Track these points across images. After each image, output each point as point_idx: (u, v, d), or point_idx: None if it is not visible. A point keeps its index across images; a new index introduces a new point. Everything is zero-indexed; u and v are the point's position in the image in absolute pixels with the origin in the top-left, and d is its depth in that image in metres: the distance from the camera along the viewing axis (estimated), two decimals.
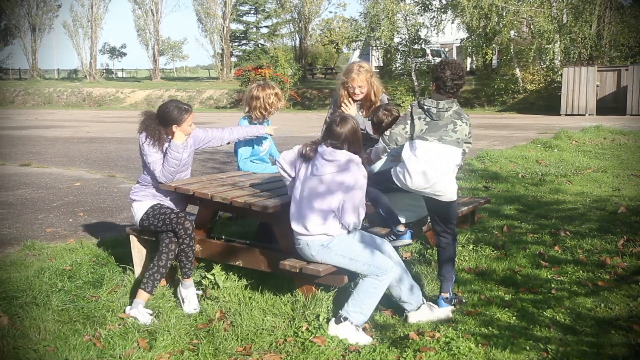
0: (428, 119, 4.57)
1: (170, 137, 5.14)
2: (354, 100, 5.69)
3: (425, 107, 4.57)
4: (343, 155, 4.29)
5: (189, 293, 4.92)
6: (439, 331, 4.21)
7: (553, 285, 5.07)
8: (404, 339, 4.15)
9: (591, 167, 11.54)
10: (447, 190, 4.60)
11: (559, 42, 31.69)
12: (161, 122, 5.13)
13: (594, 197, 8.53)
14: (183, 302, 4.89)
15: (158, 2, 59.64)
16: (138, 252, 5.38)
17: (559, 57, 32.14)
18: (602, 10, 30.38)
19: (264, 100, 5.70)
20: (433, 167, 4.52)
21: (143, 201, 5.22)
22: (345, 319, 4.24)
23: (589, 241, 6.16)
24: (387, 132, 4.75)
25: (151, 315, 4.67)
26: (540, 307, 4.61)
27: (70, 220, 7.79)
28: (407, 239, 4.99)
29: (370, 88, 5.64)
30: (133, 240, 5.37)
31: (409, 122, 4.65)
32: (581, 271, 5.36)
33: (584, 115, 26.86)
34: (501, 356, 3.86)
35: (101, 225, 7.54)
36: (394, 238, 4.94)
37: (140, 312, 4.64)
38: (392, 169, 4.79)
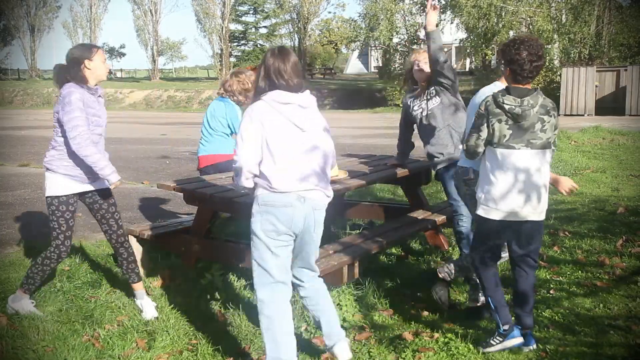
0: (511, 121, 3.69)
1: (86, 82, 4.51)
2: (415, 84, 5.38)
3: (507, 106, 3.67)
4: None
5: (142, 302, 4.72)
6: (437, 331, 4.21)
7: (552, 286, 5.07)
8: (402, 339, 4.15)
9: (590, 167, 11.54)
10: (544, 207, 3.86)
11: (557, 43, 31.68)
12: (74, 65, 4.49)
13: (593, 197, 8.53)
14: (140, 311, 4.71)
15: (157, 2, 59.67)
16: (137, 252, 5.37)
17: (558, 57, 32.14)
18: (601, 11, 30.38)
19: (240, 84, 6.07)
20: (529, 183, 3.73)
21: (57, 172, 4.55)
22: None
23: (587, 241, 6.17)
24: (464, 146, 3.92)
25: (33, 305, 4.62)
26: (539, 307, 4.61)
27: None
28: (517, 336, 3.93)
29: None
30: (132, 240, 5.36)
31: (484, 128, 3.74)
32: (580, 271, 5.37)
33: (582, 115, 26.86)
34: (500, 356, 3.86)
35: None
36: (500, 340, 3.93)
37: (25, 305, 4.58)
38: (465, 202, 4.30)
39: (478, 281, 4.21)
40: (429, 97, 5.22)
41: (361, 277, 5.04)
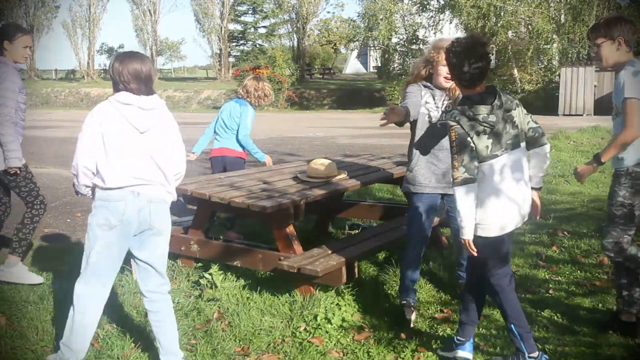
0: (489, 130, 3.45)
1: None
2: (435, 86, 4.44)
3: (481, 117, 3.41)
4: None
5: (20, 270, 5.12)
6: (437, 332, 4.21)
7: (551, 286, 5.07)
8: (401, 339, 4.16)
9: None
10: (528, 205, 3.70)
11: (557, 43, 31.70)
12: None
13: (592, 197, 8.54)
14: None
15: (156, 2, 59.60)
16: None
17: (557, 58, 32.16)
18: (600, 11, 30.39)
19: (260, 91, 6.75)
20: (518, 186, 3.56)
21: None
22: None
23: (586, 241, 6.17)
24: (461, 173, 3.45)
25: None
26: (538, 307, 4.61)
27: (68, 220, 7.78)
28: (468, 353, 3.83)
29: None
30: None
31: (471, 145, 3.44)
32: (579, 271, 5.37)
33: (581, 115, 26.87)
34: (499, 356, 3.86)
35: None
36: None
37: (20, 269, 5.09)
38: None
39: None
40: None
41: (360, 277, 5.05)
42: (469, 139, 3.42)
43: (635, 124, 3.86)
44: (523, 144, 3.59)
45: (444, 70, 4.16)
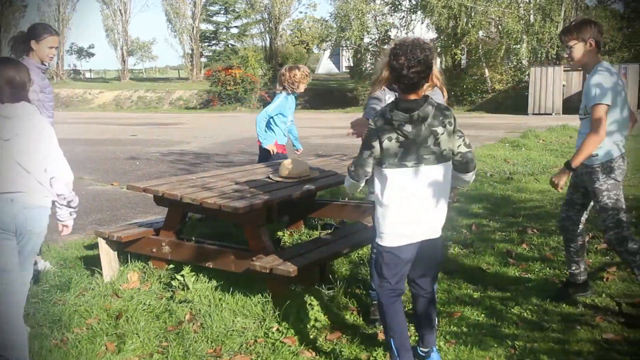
0: (402, 138, 3.33)
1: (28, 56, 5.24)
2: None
3: (396, 122, 3.31)
4: None
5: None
6: (408, 330, 4.24)
7: (520, 283, 5.13)
8: (374, 338, 4.18)
9: (558, 165, 11.68)
10: (440, 224, 3.58)
11: (526, 43, 32.06)
12: (26, 38, 5.28)
13: (561, 195, 8.62)
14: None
15: (126, 1, 59.18)
16: (106, 254, 5.34)
17: (527, 57, 32.52)
18: (569, 11, 30.81)
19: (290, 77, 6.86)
20: (425, 201, 3.43)
21: None
22: None
23: (555, 238, 6.25)
24: (352, 166, 3.55)
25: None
26: (508, 304, 4.67)
27: None
28: None
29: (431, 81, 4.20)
30: (101, 242, 5.32)
31: (376, 144, 3.37)
32: (548, 268, 5.44)
33: (550, 114, 27.19)
34: (470, 354, 3.90)
35: None
36: None
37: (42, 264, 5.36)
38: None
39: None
40: None
41: (332, 277, 5.06)
42: (375, 142, 3.36)
43: (602, 129, 4.14)
44: (446, 163, 3.44)
45: None
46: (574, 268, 4.73)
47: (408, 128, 3.29)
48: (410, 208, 3.41)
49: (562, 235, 4.94)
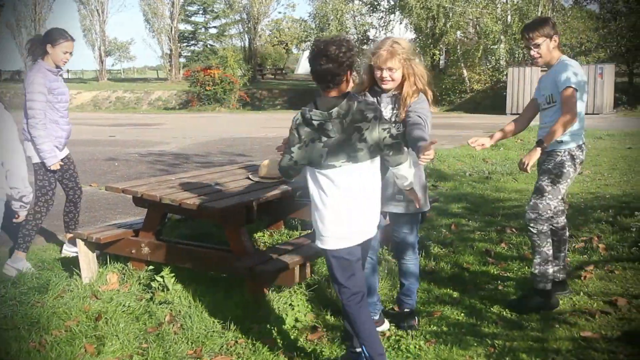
0: (325, 138, 3.27)
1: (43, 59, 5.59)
2: (382, 90, 4.09)
3: (315, 121, 3.24)
4: None
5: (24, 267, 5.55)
6: (388, 329, 4.26)
7: (500, 282, 5.17)
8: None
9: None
10: (376, 221, 3.53)
11: (504, 43, 32.31)
12: (42, 41, 5.60)
13: None
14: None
15: (104, 2, 58.64)
16: (85, 256, 5.29)
17: (504, 58, 32.77)
18: (545, 12, 31.08)
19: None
20: (359, 200, 3.36)
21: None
22: None
23: None
24: (282, 162, 3.47)
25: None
26: (487, 303, 4.70)
27: (14, 225, 7.59)
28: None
29: (408, 75, 4.02)
30: (80, 244, 5.28)
31: (296, 150, 3.33)
32: (526, 267, 5.47)
33: None
34: (450, 353, 3.92)
35: (48, 230, 7.38)
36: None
37: (24, 265, 5.52)
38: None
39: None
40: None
41: (313, 277, 5.06)
42: (297, 142, 3.33)
43: (574, 111, 4.28)
44: (376, 159, 3.38)
45: (378, 74, 3.97)
46: (553, 265, 4.75)
47: (329, 126, 3.23)
48: (345, 208, 3.34)
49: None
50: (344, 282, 3.44)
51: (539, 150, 4.36)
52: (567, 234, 4.91)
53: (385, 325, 4.34)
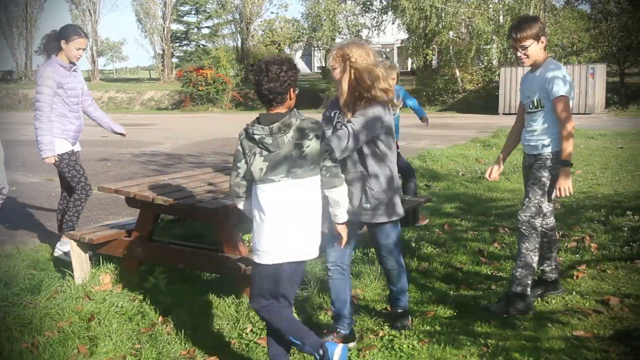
0: (265, 152, 3.32)
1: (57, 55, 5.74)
2: None
3: (257, 136, 3.29)
4: None
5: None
6: (382, 329, 4.26)
7: (492, 281, 5.18)
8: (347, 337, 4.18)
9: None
10: (315, 243, 3.48)
11: (496, 43, 32.39)
12: (57, 37, 5.74)
13: None
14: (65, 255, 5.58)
15: (95, 2, 58.47)
16: (77, 256, 5.28)
17: (497, 58, 32.85)
18: (537, 12, 31.16)
19: None
20: (296, 218, 3.36)
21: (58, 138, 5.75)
22: None
23: None
24: (230, 187, 3.52)
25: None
26: (480, 302, 4.71)
27: (7, 225, 7.58)
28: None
29: (349, 82, 3.87)
30: (72, 244, 5.26)
31: (242, 165, 3.38)
32: None
33: None
34: (443, 353, 3.92)
35: (39, 230, 7.37)
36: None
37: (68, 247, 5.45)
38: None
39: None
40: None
41: (306, 277, 5.06)
42: (241, 162, 3.37)
43: (570, 116, 4.28)
44: (315, 177, 3.40)
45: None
46: (545, 265, 4.78)
47: (269, 140, 3.28)
48: (282, 224, 3.34)
49: None
50: (263, 294, 3.49)
51: (568, 169, 4.31)
52: (557, 235, 4.91)
53: (353, 344, 4.09)
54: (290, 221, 3.34)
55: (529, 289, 4.52)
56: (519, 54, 4.44)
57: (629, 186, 9.33)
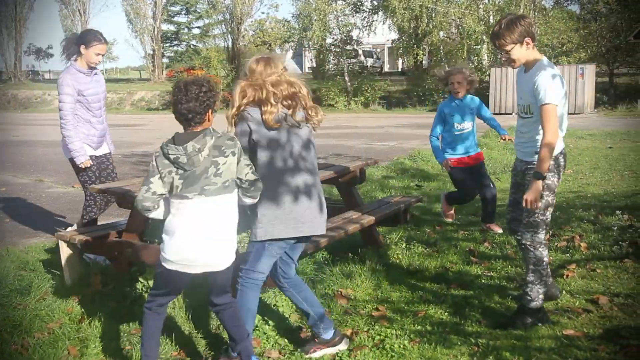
0: (181, 171, 3.37)
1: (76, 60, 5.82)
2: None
3: (172, 156, 3.34)
4: None
5: None
6: (373, 329, 4.26)
7: (483, 281, 5.20)
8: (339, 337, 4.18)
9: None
10: (227, 256, 3.58)
11: (486, 43, 32.46)
12: (77, 42, 5.81)
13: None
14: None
15: (85, 2, 58.26)
16: (67, 257, 5.26)
17: (487, 58, 32.94)
18: (526, 12, 31.27)
19: None
20: (207, 232, 3.45)
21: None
22: None
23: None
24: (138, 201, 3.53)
25: None
26: (471, 302, 4.72)
27: None
28: None
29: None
30: (62, 245, 5.25)
31: (155, 180, 3.40)
32: (510, 266, 5.52)
33: (511, 114, 27.54)
34: (434, 352, 3.93)
35: (29, 231, 7.34)
36: None
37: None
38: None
39: None
40: None
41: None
42: (154, 178, 3.40)
43: (555, 128, 4.04)
44: (230, 194, 3.50)
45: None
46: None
47: (183, 160, 3.33)
48: (192, 238, 3.43)
49: (513, 237, 4.84)
50: (160, 295, 3.70)
51: (539, 183, 4.07)
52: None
53: (342, 346, 4.09)
54: (199, 236, 3.42)
55: (542, 301, 4.35)
56: (504, 57, 4.36)
57: (618, 186, 9.38)
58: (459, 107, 6.35)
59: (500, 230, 6.44)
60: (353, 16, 38.83)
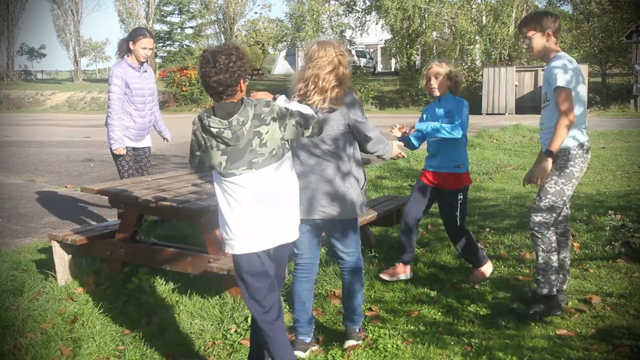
0: (223, 146, 3.12)
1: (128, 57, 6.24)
2: None
3: (214, 129, 3.08)
4: None
5: None
6: (366, 329, 4.27)
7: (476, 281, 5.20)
8: (333, 338, 4.19)
9: (511, 164, 11.90)
10: (294, 225, 3.37)
11: (479, 44, 32.54)
12: (127, 39, 6.26)
13: (514, 193, 8.80)
14: None
15: (78, 1, 58.08)
16: (60, 257, 5.25)
17: (480, 58, 33.01)
18: (519, 12, 31.34)
19: None
20: (266, 206, 3.22)
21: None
22: None
23: (509, 237, 6.35)
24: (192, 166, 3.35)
25: None
26: (464, 302, 4.73)
27: None
28: None
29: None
30: (55, 245, 5.23)
31: (201, 150, 3.19)
32: (502, 266, 5.53)
33: (504, 114, 27.65)
34: (427, 352, 3.94)
35: (21, 232, 7.31)
36: None
37: None
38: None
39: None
40: None
41: (289, 277, 5.05)
42: (198, 149, 3.20)
43: (568, 108, 4.10)
44: (279, 162, 3.22)
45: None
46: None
47: (228, 134, 3.07)
48: (250, 213, 3.19)
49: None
50: (253, 290, 3.34)
51: (549, 160, 4.17)
52: (569, 242, 4.70)
53: (315, 348, 4.09)
54: (258, 210, 3.20)
55: (554, 289, 4.38)
56: (524, 45, 4.45)
57: (611, 186, 9.41)
58: (432, 108, 5.71)
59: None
60: (346, 16, 38.87)
